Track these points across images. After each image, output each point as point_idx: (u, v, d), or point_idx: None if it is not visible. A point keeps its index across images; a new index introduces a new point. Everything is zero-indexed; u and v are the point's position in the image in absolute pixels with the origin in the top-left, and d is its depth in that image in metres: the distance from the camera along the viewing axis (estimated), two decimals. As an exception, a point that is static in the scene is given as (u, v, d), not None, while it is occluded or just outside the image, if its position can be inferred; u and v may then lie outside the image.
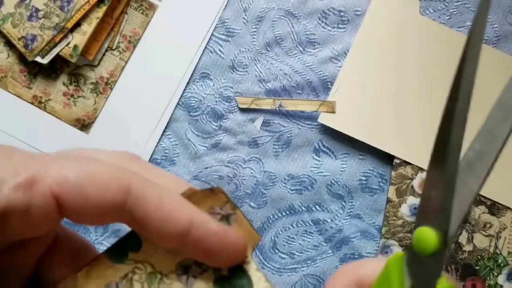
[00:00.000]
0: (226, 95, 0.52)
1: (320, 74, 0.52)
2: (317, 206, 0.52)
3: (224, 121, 0.52)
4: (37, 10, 0.49)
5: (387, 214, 0.50)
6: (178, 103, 0.52)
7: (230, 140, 0.52)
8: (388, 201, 0.50)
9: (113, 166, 0.19)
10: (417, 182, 0.50)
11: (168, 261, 0.26)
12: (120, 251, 0.25)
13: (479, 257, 0.49)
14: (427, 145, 0.50)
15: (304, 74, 0.52)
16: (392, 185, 0.50)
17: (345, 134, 0.51)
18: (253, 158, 0.51)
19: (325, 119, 0.50)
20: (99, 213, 0.19)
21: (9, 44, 0.51)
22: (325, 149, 0.52)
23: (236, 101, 0.52)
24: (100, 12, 0.50)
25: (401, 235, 0.49)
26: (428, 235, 0.20)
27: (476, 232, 0.50)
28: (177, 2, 0.52)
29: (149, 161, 0.50)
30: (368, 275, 0.24)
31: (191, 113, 0.52)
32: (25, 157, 0.19)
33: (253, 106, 0.51)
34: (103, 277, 0.25)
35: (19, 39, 0.49)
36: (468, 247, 0.49)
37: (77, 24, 0.49)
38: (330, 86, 0.52)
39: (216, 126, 0.52)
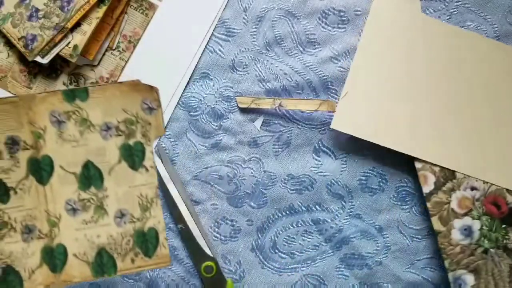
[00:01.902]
0: (226, 95, 0.52)
1: (320, 74, 0.52)
2: (317, 206, 0.52)
3: (224, 121, 0.52)
4: (37, 10, 0.49)
5: (442, 246, 0.48)
6: (178, 103, 0.52)
7: (230, 140, 0.52)
8: (437, 233, 0.48)
9: None
10: (455, 203, 0.49)
11: (100, 117, 0.36)
12: (72, 95, 0.36)
13: None
14: (441, 142, 0.50)
15: (304, 74, 0.52)
16: (433, 216, 0.49)
17: (344, 134, 0.51)
18: (253, 158, 0.51)
19: (338, 125, 0.49)
20: None
21: (9, 44, 0.51)
22: (325, 149, 0.52)
23: (236, 101, 0.52)
24: (100, 12, 0.50)
25: (466, 261, 0.48)
26: None
27: None
28: (177, 2, 0.52)
29: (149, 161, 0.50)
30: None
31: (191, 113, 0.52)
32: None
33: (253, 106, 0.51)
34: (52, 105, 0.36)
35: (19, 39, 0.49)
36: None
37: (77, 24, 0.49)
38: (330, 86, 0.52)
39: (216, 126, 0.52)
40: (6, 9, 0.50)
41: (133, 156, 0.38)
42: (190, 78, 0.52)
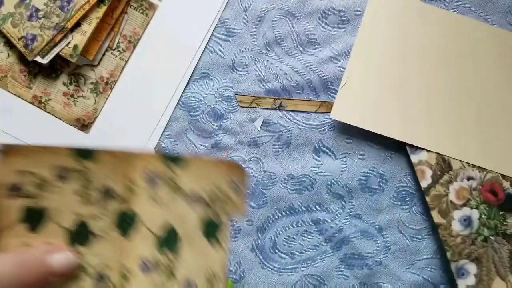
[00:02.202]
0: (226, 95, 0.52)
1: (320, 74, 0.52)
2: (317, 206, 0.52)
3: (224, 121, 0.52)
4: (37, 10, 0.49)
5: (443, 238, 0.49)
6: (178, 103, 0.52)
7: (230, 140, 0.52)
8: (438, 226, 0.49)
9: None
10: (453, 195, 0.49)
11: (191, 186, 0.37)
12: (172, 160, 0.37)
13: None
14: (439, 129, 0.50)
15: (304, 74, 0.52)
16: (433, 209, 0.49)
17: (344, 134, 0.51)
18: (253, 158, 0.51)
19: (337, 114, 0.50)
20: None
21: (9, 44, 0.51)
22: (325, 149, 0.52)
23: (236, 101, 0.52)
24: (100, 12, 0.50)
25: (467, 250, 0.49)
26: None
27: None
28: (177, 2, 0.52)
29: (149, 161, 0.50)
30: None
31: (191, 113, 0.52)
32: None
33: (253, 106, 0.51)
34: (151, 165, 0.36)
35: (19, 39, 0.49)
36: None
37: (77, 24, 0.49)
38: (330, 86, 0.52)
39: (216, 126, 0.52)
40: (6, 9, 0.50)
41: (211, 229, 0.38)
42: (190, 78, 0.52)
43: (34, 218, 0.35)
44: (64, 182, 0.36)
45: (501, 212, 0.49)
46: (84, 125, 0.52)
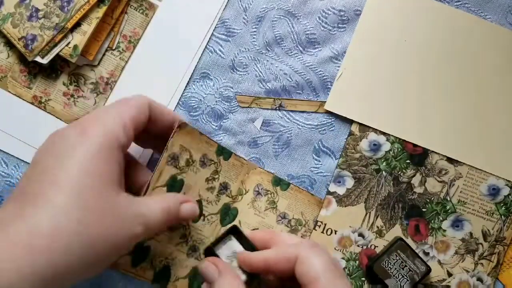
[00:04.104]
0: (226, 95, 0.52)
1: (320, 74, 0.52)
2: (317, 206, 0.52)
3: (224, 121, 0.52)
4: (37, 10, 0.49)
5: (347, 146, 0.50)
6: (178, 103, 0.52)
7: (230, 140, 0.52)
8: (350, 134, 0.51)
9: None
10: None
11: (283, 207, 0.50)
12: (278, 182, 0.50)
13: (428, 200, 0.50)
14: (431, 126, 0.50)
15: (304, 74, 0.52)
16: (355, 123, 0.51)
17: (344, 134, 0.51)
18: (253, 158, 0.51)
19: (332, 106, 0.51)
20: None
21: (9, 44, 0.51)
22: (325, 149, 0.52)
23: (236, 101, 0.52)
24: (100, 12, 0.50)
25: (356, 167, 0.50)
26: None
27: (430, 176, 0.50)
28: (177, 2, 0.52)
29: (149, 160, 0.50)
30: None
31: (191, 113, 0.52)
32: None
33: (253, 106, 0.51)
34: (262, 181, 0.50)
35: (19, 39, 0.49)
36: (419, 189, 0.50)
37: (77, 24, 0.49)
38: (330, 86, 0.52)
39: (216, 126, 0.52)
40: (6, 9, 0.50)
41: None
42: (190, 78, 0.52)
43: (174, 186, 0.43)
44: (203, 167, 0.45)
45: (408, 161, 0.50)
46: (84, 125, 0.51)
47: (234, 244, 0.43)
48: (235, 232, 0.43)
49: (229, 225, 0.46)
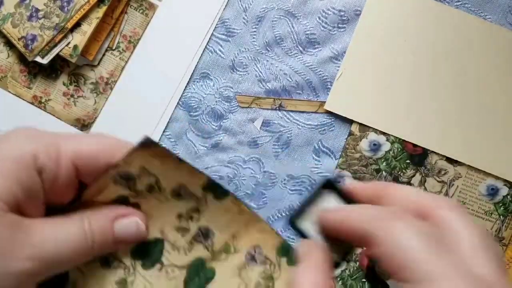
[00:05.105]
0: (226, 95, 0.52)
1: (320, 74, 0.52)
2: (316, 206, 0.52)
3: (224, 121, 0.52)
4: (37, 10, 0.49)
5: (347, 146, 0.51)
6: (178, 103, 0.52)
7: (230, 140, 0.52)
8: (350, 134, 0.51)
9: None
10: None
11: (282, 287, 0.31)
12: (285, 252, 0.31)
13: None
14: (431, 126, 0.50)
15: (304, 74, 0.52)
16: (355, 123, 0.51)
17: (344, 134, 0.51)
18: (253, 158, 0.51)
19: (332, 106, 0.51)
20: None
21: (9, 44, 0.51)
22: (325, 149, 0.52)
23: (236, 101, 0.52)
24: (100, 12, 0.50)
25: (356, 167, 0.50)
26: None
27: (430, 176, 0.50)
28: (177, 2, 0.52)
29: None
30: None
31: (191, 113, 0.52)
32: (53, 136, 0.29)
33: (253, 106, 0.52)
34: (263, 242, 0.31)
35: (19, 39, 0.49)
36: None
37: (77, 24, 0.49)
38: (330, 86, 0.52)
39: (216, 126, 0.52)
40: (6, 9, 0.50)
41: None
42: (190, 78, 0.52)
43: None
44: (176, 199, 0.31)
45: (408, 161, 0.50)
46: (84, 125, 0.52)
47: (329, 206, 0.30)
48: (330, 187, 0.30)
49: (322, 179, 0.32)
